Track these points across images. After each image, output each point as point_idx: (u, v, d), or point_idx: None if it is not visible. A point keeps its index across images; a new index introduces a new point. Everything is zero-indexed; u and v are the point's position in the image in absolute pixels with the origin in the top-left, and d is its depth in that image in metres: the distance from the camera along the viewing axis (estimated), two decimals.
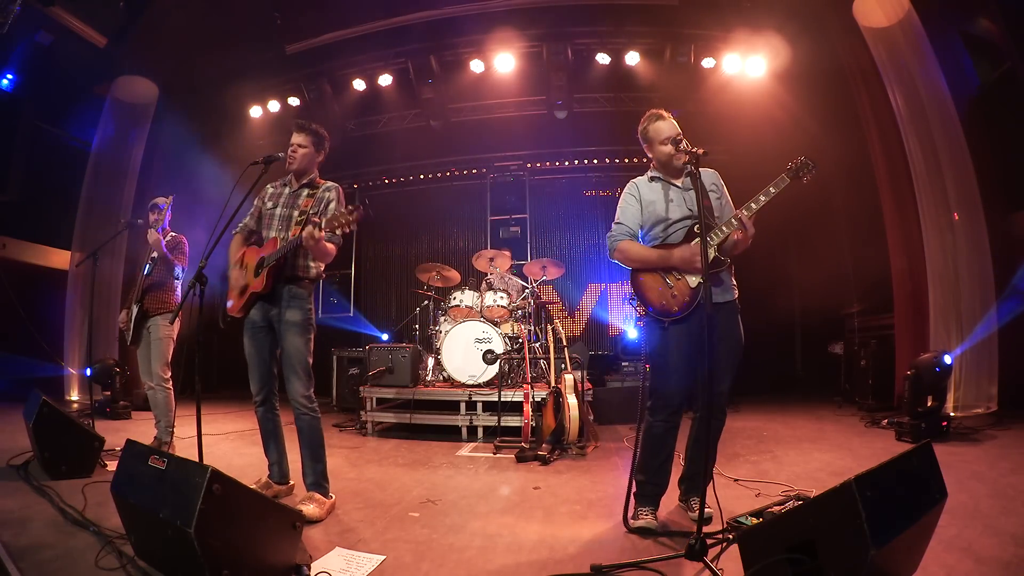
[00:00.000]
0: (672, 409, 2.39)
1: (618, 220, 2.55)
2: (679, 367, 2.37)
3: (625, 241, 2.50)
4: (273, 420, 2.83)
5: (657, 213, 2.48)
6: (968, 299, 4.71)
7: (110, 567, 1.87)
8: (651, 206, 2.50)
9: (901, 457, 1.62)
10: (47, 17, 5.95)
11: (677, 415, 2.41)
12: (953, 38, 5.19)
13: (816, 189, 7.11)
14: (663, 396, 2.40)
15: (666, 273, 2.41)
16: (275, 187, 2.90)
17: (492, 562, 2.04)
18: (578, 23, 6.85)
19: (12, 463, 3.19)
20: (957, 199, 4.80)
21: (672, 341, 2.38)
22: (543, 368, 5.11)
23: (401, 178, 9.06)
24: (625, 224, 2.52)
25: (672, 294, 2.38)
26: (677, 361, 2.37)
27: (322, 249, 2.58)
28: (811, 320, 7.58)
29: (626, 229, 2.52)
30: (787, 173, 2.32)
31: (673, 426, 2.42)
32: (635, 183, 2.59)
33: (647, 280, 2.45)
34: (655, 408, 2.42)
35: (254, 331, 2.73)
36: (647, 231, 2.53)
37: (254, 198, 2.91)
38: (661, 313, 2.39)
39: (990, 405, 4.55)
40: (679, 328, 2.37)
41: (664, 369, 2.41)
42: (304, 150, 2.81)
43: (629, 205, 2.55)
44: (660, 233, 2.49)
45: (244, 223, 2.92)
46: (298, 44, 7.18)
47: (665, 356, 2.40)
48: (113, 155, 6.90)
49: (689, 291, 2.36)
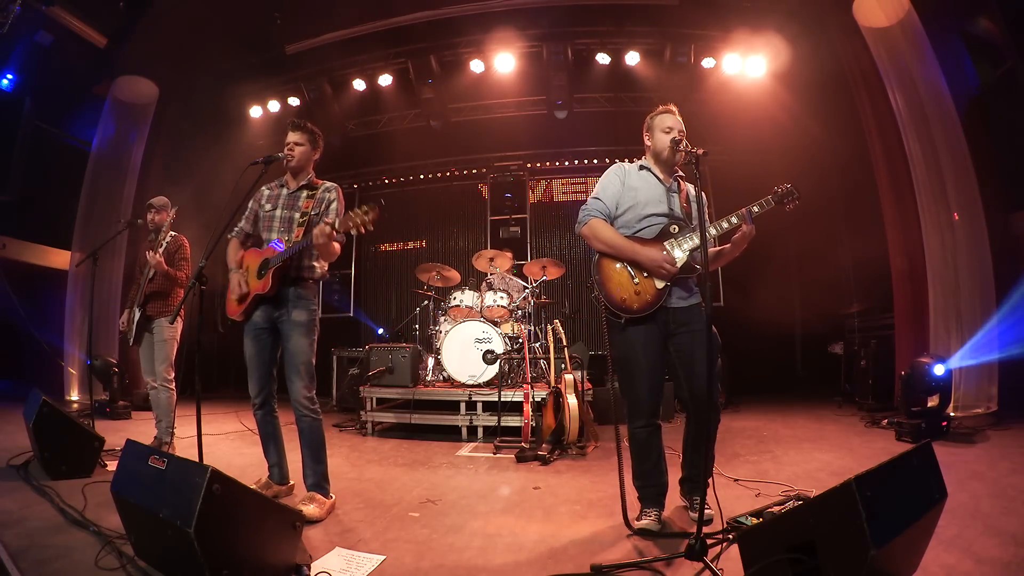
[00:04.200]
0: (649, 413, 2.36)
1: (596, 195, 2.47)
2: (646, 371, 2.32)
3: (598, 219, 2.42)
4: (272, 423, 2.83)
5: (636, 199, 2.43)
6: (968, 299, 4.71)
7: (110, 567, 1.87)
8: (633, 192, 2.45)
9: (901, 457, 1.62)
10: (47, 17, 5.96)
11: (654, 417, 2.38)
12: (953, 38, 5.19)
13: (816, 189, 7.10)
14: (636, 402, 2.36)
15: (635, 267, 2.35)
16: (271, 189, 2.89)
17: (492, 562, 2.04)
18: (578, 23, 6.86)
19: (12, 463, 3.19)
20: (957, 199, 4.80)
21: (636, 343, 2.33)
22: (543, 368, 5.12)
23: (401, 178, 9.07)
24: (603, 201, 2.45)
25: (636, 291, 2.32)
26: (643, 365, 2.32)
27: (331, 250, 2.59)
28: (811, 320, 7.58)
29: (603, 206, 2.44)
30: (772, 197, 2.33)
31: (654, 428, 2.38)
32: (622, 165, 2.54)
33: (612, 270, 2.37)
34: (631, 414, 2.39)
35: (256, 333, 2.73)
36: (620, 215, 2.45)
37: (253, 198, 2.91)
38: (619, 308, 2.32)
39: (990, 405, 4.55)
40: (639, 329, 2.33)
41: (630, 374, 2.36)
42: (301, 148, 2.80)
43: (611, 184, 2.48)
44: (633, 222, 2.42)
45: (239, 227, 2.90)
46: (298, 44, 7.19)
47: (631, 360, 2.35)
48: (113, 155, 6.90)
49: (654, 292, 2.31)
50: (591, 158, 8.45)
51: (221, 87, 7.62)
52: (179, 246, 3.93)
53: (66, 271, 6.85)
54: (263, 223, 2.82)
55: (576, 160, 8.53)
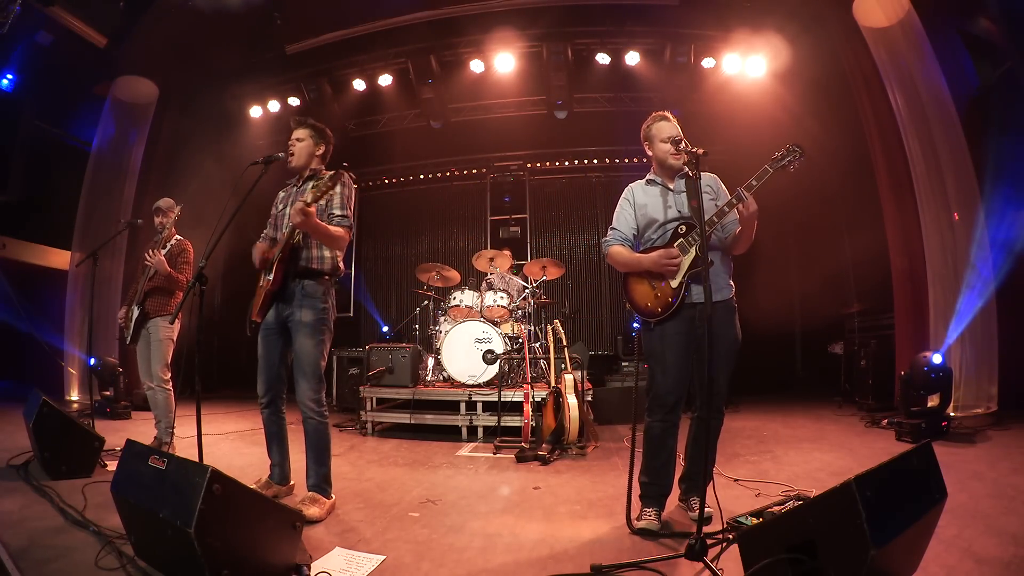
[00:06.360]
0: (667, 408, 2.40)
1: (613, 226, 2.61)
2: (670, 366, 2.39)
3: (615, 246, 2.55)
4: (278, 423, 2.82)
5: (649, 216, 2.52)
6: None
7: (110, 567, 1.87)
8: (643, 209, 2.54)
9: (901, 457, 1.62)
10: (47, 17, 5.95)
11: (673, 414, 2.41)
12: (953, 38, 5.19)
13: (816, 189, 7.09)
14: (657, 395, 2.42)
15: (651, 276, 2.45)
16: (285, 190, 2.89)
17: (492, 562, 2.04)
18: (578, 23, 6.85)
19: (12, 463, 3.19)
20: (957, 199, 4.79)
21: (662, 340, 2.41)
22: (543, 368, 5.12)
23: (401, 178, 9.07)
24: (618, 230, 2.58)
25: (656, 295, 2.43)
26: (668, 360, 2.39)
27: (321, 230, 2.52)
28: (811, 320, 7.58)
29: (619, 235, 2.57)
30: (770, 164, 2.32)
31: (671, 425, 2.42)
32: (631, 187, 2.63)
33: (635, 284, 2.51)
34: (651, 408, 2.44)
35: (267, 333, 2.72)
36: (641, 234, 2.56)
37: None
38: (646, 314, 2.45)
39: (990, 405, 4.55)
40: (666, 327, 2.40)
41: (656, 368, 2.44)
42: (302, 143, 2.78)
43: (623, 210, 2.60)
44: (653, 236, 2.52)
45: (265, 233, 2.89)
46: (298, 44, 7.18)
47: (656, 355, 2.43)
48: (113, 155, 6.89)
49: (671, 291, 2.39)
50: (591, 158, 8.46)
51: (221, 87, 7.62)
52: (182, 250, 3.93)
53: (66, 271, 6.85)
54: (277, 222, 2.82)
55: (576, 160, 8.53)
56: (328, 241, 2.63)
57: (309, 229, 2.51)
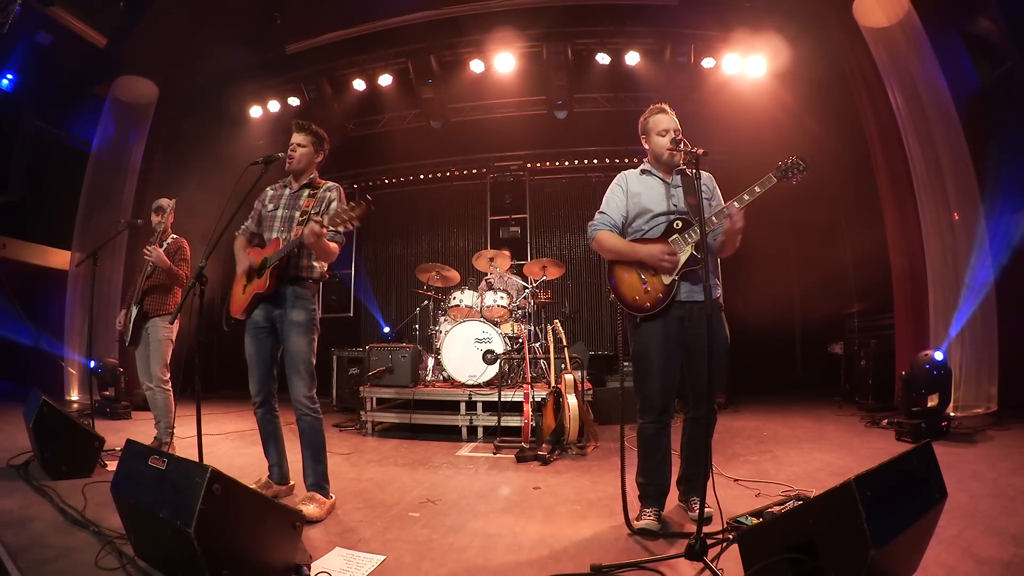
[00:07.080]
0: (659, 410, 2.37)
1: (602, 210, 2.56)
2: (658, 367, 2.35)
3: (604, 231, 2.50)
4: (272, 422, 2.83)
5: (641, 205, 2.48)
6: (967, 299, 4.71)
7: (110, 567, 1.87)
8: (636, 198, 2.50)
9: (901, 457, 1.62)
10: (47, 17, 5.95)
11: (665, 415, 2.39)
12: (953, 38, 5.18)
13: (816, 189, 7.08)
14: (648, 397, 2.38)
15: (641, 268, 2.40)
16: (275, 189, 2.90)
17: (492, 562, 2.04)
18: (578, 23, 6.85)
19: (12, 463, 3.19)
20: (957, 199, 4.79)
21: (650, 339, 2.37)
22: (543, 368, 5.12)
23: (401, 178, 9.07)
24: (608, 214, 2.52)
25: (645, 289, 2.37)
26: (656, 360, 2.35)
27: (324, 248, 2.58)
28: (811, 320, 7.58)
29: (608, 219, 2.52)
30: (775, 172, 2.31)
31: (663, 426, 2.40)
32: (625, 174, 2.59)
33: (622, 274, 2.44)
34: (642, 409, 2.41)
35: (256, 332, 2.73)
36: (630, 223, 2.52)
37: (254, 198, 2.91)
38: (633, 308, 2.39)
39: (990, 405, 4.55)
40: (653, 325, 2.36)
41: (644, 369, 2.40)
42: (304, 149, 2.80)
43: (615, 196, 2.56)
44: (643, 225, 2.48)
45: (245, 226, 2.92)
46: (298, 44, 7.19)
47: (644, 355, 2.39)
48: (113, 155, 6.89)
49: (662, 288, 2.35)
50: (591, 158, 8.45)
51: (221, 87, 7.61)
52: (179, 247, 3.94)
53: (66, 271, 6.85)
54: (265, 222, 2.82)
55: (576, 160, 8.53)
56: (325, 256, 2.68)
57: (315, 248, 2.57)
